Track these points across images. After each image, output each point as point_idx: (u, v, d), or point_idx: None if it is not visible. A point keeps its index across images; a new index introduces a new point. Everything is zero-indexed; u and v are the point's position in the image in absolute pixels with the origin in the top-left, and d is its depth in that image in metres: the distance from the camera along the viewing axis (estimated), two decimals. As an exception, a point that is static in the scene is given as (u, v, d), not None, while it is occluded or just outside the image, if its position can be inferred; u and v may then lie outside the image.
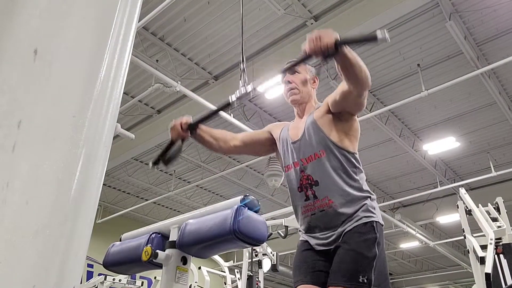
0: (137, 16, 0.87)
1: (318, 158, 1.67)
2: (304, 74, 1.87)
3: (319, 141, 1.68)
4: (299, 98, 1.83)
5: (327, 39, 1.40)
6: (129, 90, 6.71)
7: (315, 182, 1.66)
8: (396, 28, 5.57)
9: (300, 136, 1.75)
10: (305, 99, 1.85)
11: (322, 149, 1.67)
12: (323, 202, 1.63)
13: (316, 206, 1.64)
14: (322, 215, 1.63)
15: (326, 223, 1.63)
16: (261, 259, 5.54)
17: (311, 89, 1.88)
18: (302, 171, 1.70)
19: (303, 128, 1.76)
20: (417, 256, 13.92)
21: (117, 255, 2.01)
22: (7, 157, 0.62)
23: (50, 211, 0.62)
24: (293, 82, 1.84)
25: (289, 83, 1.85)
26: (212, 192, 10.20)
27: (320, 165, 1.66)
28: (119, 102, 0.80)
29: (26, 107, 0.65)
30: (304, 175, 1.69)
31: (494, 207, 4.10)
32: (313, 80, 1.90)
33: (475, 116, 7.41)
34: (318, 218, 1.65)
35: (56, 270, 0.61)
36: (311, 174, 1.67)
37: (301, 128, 1.78)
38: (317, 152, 1.68)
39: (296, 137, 1.77)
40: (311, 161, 1.68)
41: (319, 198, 1.64)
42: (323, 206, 1.63)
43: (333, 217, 1.61)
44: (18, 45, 0.68)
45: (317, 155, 1.67)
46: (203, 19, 5.52)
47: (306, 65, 1.91)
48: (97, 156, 0.71)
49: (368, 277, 1.46)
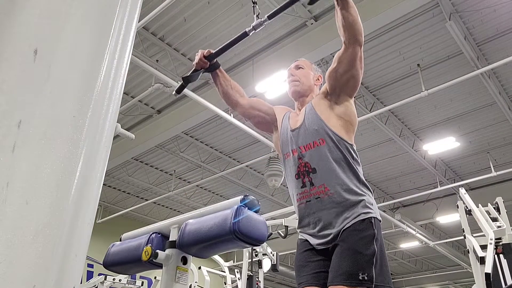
0: (137, 16, 0.87)
1: (317, 146, 1.69)
2: (308, 70, 1.94)
3: (318, 130, 1.71)
4: (300, 89, 1.89)
5: None
6: (129, 90, 6.71)
7: (312, 170, 1.67)
8: (396, 28, 5.57)
9: (299, 124, 1.78)
10: (306, 92, 1.89)
11: (321, 137, 1.69)
12: (319, 190, 1.64)
13: (312, 193, 1.65)
14: (317, 202, 1.64)
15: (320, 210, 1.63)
16: (261, 259, 5.54)
17: (314, 85, 1.93)
18: (300, 158, 1.72)
19: (303, 116, 1.79)
20: (417, 256, 13.92)
21: (117, 255, 2.01)
22: (7, 157, 0.62)
23: (50, 211, 0.62)
24: (296, 75, 1.92)
25: (292, 76, 1.92)
26: (212, 192, 10.20)
27: (319, 153, 1.68)
28: (119, 102, 0.79)
29: (26, 107, 0.65)
30: (302, 163, 1.71)
31: (494, 207, 4.10)
32: (317, 78, 1.96)
33: (475, 116, 7.41)
34: (312, 206, 1.65)
35: (56, 270, 0.61)
36: (308, 162, 1.69)
37: (300, 116, 1.82)
38: (316, 140, 1.70)
39: (295, 125, 1.80)
40: (310, 149, 1.71)
41: (315, 185, 1.65)
42: (319, 193, 1.64)
43: (327, 204, 1.61)
44: (18, 45, 0.68)
45: (316, 143, 1.70)
46: (203, 19, 5.52)
47: (312, 64, 2.00)
48: (97, 156, 0.71)
49: (369, 274, 1.45)
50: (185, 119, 6.78)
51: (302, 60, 1.99)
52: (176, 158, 8.68)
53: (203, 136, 8.06)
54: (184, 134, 7.86)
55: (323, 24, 5.40)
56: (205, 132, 7.91)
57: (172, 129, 7.07)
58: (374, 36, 5.66)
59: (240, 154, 8.59)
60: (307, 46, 5.48)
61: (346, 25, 1.64)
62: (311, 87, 1.91)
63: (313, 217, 1.66)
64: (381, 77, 6.54)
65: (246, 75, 6.03)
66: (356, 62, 1.69)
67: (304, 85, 1.89)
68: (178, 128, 7.07)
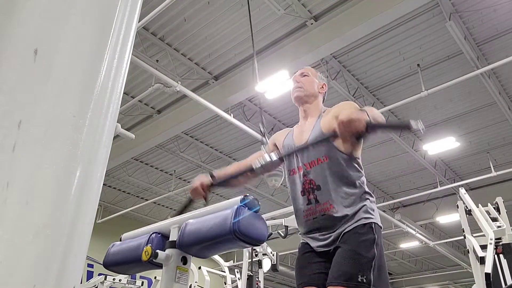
0: (137, 16, 0.87)
1: (321, 163, 1.70)
2: (312, 78, 1.95)
3: (323, 147, 1.71)
4: (303, 95, 1.89)
5: (358, 124, 1.40)
6: (129, 90, 6.71)
7: (317, 187, 1.69)
8: (396, 28, 5.57)
9: (304, 142, 1.78)
10: (309, 99, 1.89)
11: (325, 154, 1.70)
12: (325, 207, 1.66)
13: (318, 210, 1.68)
14: (323, 219, 1.66)
15: (327, 225, 1.66)
16: (261, 259, 5.55)
17: (318, 93, 1.92)
18: (305, 176, 1.73)
19: (308, 133, 1.79)
20: (417, 256, 13.92)
21: (117, 255, 2.01)
22: (7, 157, 0.62)
23: (50, 211, 0.62)
24: (300, 82, 1.92)
25: (297, 82, 1.93)
26: (212, 192, 10.18)
27: (322, 170, 1.69)
28: (119, 102, 0.79)
29: (26, 107, 0.65)
30: (307, 180, 1.72)
31: (494, 207, 4.10)
32: (321, 86, 1.95)
33: (475, 116, 7.41)
34: (319, 222, 1.68)
35: (56, 270, 0.61)
36: (313, 179, 1.70)
37: (306, 132, 1.81)
38: (320, 157, 1.71)
39: (301, 142, 1.79)
40: (314, 166, 1.71)
41: (320, 202, 1.67)
42: (324, 210, 1.66)
43: (334, 220, 1.64)
44: (18, 45, 0.68)
45: (320, 160, 1.71)
46: (203, 19, 5.52)
47: (318, 72, 2.01)
48: (97, 156, 0.71)
49: (367, 277, 1.47)
50: (185, 119, 6.79)
51: (307, 68, 2.01)
52: (176, 158, 8.68)
53: (203, 136, 8.06)
54: (184, 134, 7.86)
55: (323, 24, 5.40)
56: (205, 132, 7.91)
57: (172, 129, 7.08)
58: (374, 36, 5.66)
59: (240, 154, 8.59)
60: (307, 46, 5.48)
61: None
62: (315, 94, 1.90)
63: (319, 230, 1.68)
64: (381, 77, 6.54)
65: (246, 75, 6.03)
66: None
67: (308, 91, 1.89)
68: (178, 128, 7.07)
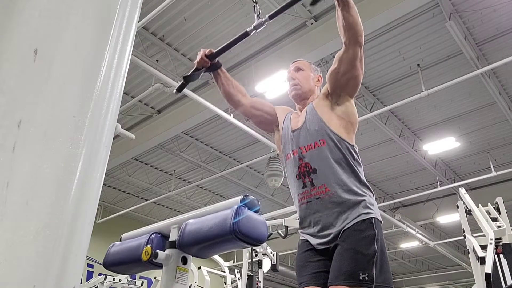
0: (137, 16, 0.87)
1: (318, 147, 1.70)
2: (308, 72, 1.95)
3: (319, 130, 1.72)
4: (300, 93, 1.90)
5: None
6: (129, 90, 6.71)
7: (313, 170, 1.68)
8: (396, 28, 5.57)
9: (300, 125, 1.79)
10: (307, 95, 1.91)
11: (322, 138, 1.70)
12: (320, 190, 1.65)
13: (313, 194, 1.67)
14: (317, 203, 1.65)
15: (322, 213, 1.64)
16: (261, 259, 5.54)
17: (314, 87, 1.94)
18: (301, 159, 1.73)
19: (304, 117, 1.80)
20: (417, 256, 13.92)
21: (117, 255, 2.01)
22: (7, 157, 0.62)
23: (50, 211, 0.62)
24: (296, 78, 1.92)
25: (293, 79, 1.92)
26: (212, 192, 10.20)
27: (319, 154, 1.69)
28: (119, 102, 0.79)
29: (26, 107, 0.65)
30: (303, 163, 1.72)
31: (494, 207, 4.10)
32: (317, 79, 1.96)
33: (475, 116, 7.41)
34: (313, 206, 1.66)
35: (56, 270, 0.61)
36: (309, 162, 1.70)
37: (301, 117, 1.83)
38: (317, 141, 1.71)
39: (296, 126, 1.81)
40: (311, 149, 1.72)
41: (316, 185, 1.66)
42: (319, 193, 1.65)
43: (328, 205, 1.62)
44: (18, 45, 0.68)
45: (317, 144, 1.71)
46: (203, 19, 5.52)
47: (311, 64, 2.00)
48: (97, 156, 0.71)
49: (369, 274, 1.46)
50: (185, 119, 6.78)
51: (301, 61, 1.98)
52: (176, 158, 8.68)
53: (203, 136, 8.06)
54: (184, 134, 7.86)
55: (323, 24, 5.40)
56: (205, 132, 7.91)
57: (172, 129, 7.08)
58: (374, 36, 5.66)
59: (240, 154, 8.59)
60: (307, 46, 5.48)
61: (346, 26, 1.65)
62: (312, 89, 1.92)
63: (314, 217, 1.67)
64: (381, 77, 6.54)
65: (246, 75, 6.03)
66: (356, 62, 1.70)
67: (305, 88, 1.90)
68: (178, 128, 7.07)
